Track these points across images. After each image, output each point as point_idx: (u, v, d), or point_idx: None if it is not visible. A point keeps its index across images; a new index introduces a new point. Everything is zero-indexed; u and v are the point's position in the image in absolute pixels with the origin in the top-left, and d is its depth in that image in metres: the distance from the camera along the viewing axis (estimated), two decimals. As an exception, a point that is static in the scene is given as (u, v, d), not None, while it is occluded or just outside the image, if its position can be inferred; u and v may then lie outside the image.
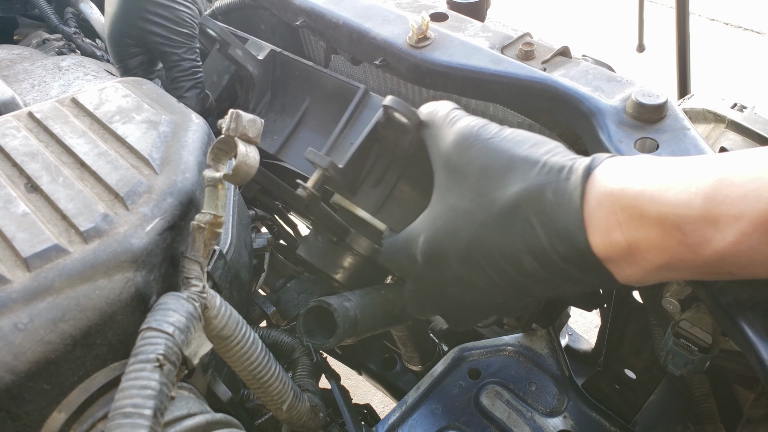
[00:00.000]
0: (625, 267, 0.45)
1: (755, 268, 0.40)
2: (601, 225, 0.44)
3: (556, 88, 0.66)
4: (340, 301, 0.72)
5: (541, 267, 0.49)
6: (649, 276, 0.45)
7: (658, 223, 0.42)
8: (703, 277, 0.43)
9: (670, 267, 0.43)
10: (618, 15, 3.43)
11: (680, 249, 0.41)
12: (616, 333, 0.81)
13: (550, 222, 0.47)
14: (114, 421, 0.41)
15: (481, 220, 0.51)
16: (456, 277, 0.55)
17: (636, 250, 0.44)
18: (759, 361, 0.43)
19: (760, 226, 0.38)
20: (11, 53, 1.00)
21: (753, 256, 0.39)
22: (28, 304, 0.44)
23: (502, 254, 0.50)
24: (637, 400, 0.80)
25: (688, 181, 0.42)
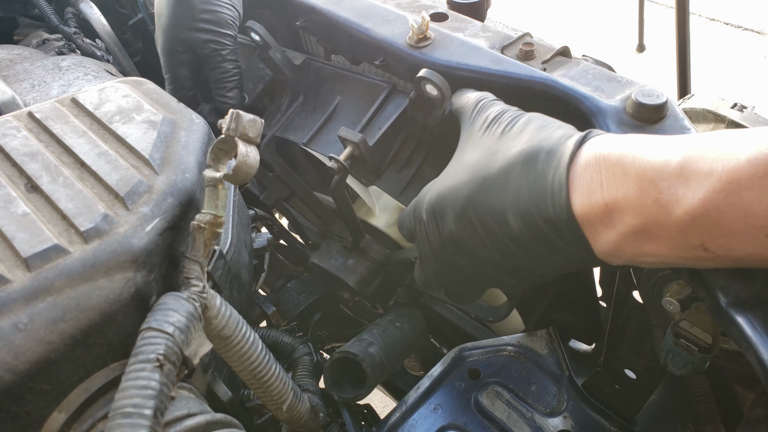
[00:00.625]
0: (602, 231, 0.45)
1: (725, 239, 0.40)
2: (584, 184, 0.46)
3: (556, 88, 0.66)
4: (364, 348, 0.73)
5: (525, 228, 0.49)
6: (624, 244, 0.45)
7: (637, 181, 0.43)
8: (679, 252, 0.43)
9: (645, 231, 0.43)
10: (618, 15, 3.43)
11: (655, 209, 0.42)
12: (616, 333, 0.81)
13: (538, 181, 0.48)
14: (114, 421, 0.41)
15: (482, 177, 0.53)
16: (451, 235, 0.56)
17: (614, 210, 0.44)
18: (759, 361, 0.43)
19: (728, 185, 0.39)
20: (11, 53, 1.00)
21: (720, 219, 0.39)
22: (28, 304, 0.44)
23: (492, 212, 0.51)
24: (637, 400, 0.80)
25: (673, 144, 0.43)
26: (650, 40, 3.15)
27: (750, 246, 0.40)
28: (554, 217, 0.47)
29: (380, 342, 0.76)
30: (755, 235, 0.39)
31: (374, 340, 0.76)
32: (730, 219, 0.39)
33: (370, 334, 0.78)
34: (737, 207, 0.39)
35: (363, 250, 0.87)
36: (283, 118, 0.89)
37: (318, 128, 0.84)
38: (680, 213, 0.41)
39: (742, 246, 0.40)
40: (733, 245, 0.41)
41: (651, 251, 0.45)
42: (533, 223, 0.49)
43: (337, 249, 0.89)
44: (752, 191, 0.38)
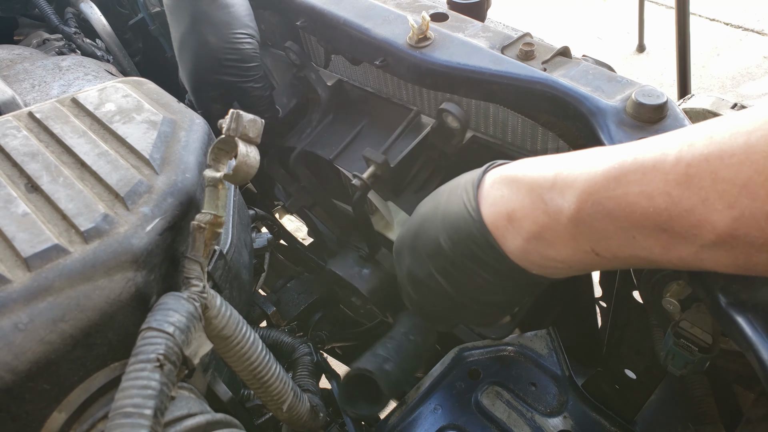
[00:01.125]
0: (509, 237, 0.51)
1: (606, 242, 0.45)
2: (490, 200, 0.52)
3: (556, 88, 0.66)
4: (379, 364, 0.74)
5: (453, 247, 0.55)
6: (529, 249, 0.50)
7: (528, 193, 0.49)
8: (578, 257, 0.47)
9: (542, 237, 0.48)
10: (618, 15, 3.43)
11: (544, 218, 0.47)
12: (616, 333, 0.81)
13: (457, 203, 0.55)
14: (114, 421, 0.41)
15: (422, 214, 0.60)
16: (409, 272, 0.61)
17: (514, 219, 0.50)
18: (759, 361, 0.43)
19: (589, 195, 0.44)
20: (11, 53, 1.00)
21: (594, 225, 0.44)
22: (28, 304, 0.44)
23: (429, 239, 0.57)
24: (637, 400, 0.80)
25: (555, 160, 0.49)
26: (650, 40, 3.15)
27: (627, 248, 0.44)
28: (472, 230, 0.53)
29: (396, 358, 0.77)
30: (625, 237, 0.43)
31: (390, 356, 0.77)
32: (601, 224, 0.44)
33: (385, 348, 0.78)
34: (602, 213, 0.43)
35: (378, 261, 0.92)
36: (312, 133, 0.93)
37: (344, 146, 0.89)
38: (564, 221, 0.46)
39: (621, 248, 0.44)
40: (614, 248, 0.45)
41: (554, 256, 0.49)
42: (459, 240, 0.54)
43: (353, 258, 0.93)
44: (609, 200, 0.43)
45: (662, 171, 0.40)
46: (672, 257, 0.42)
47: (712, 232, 0.39)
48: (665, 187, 0.40)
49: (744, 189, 0.37)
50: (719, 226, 0.38)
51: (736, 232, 0.38)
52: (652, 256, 0.43)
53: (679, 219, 0.40)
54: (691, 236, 0.40)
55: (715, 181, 0.38)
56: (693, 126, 0.43)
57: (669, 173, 0.40)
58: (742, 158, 0.37)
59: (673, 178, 0.40)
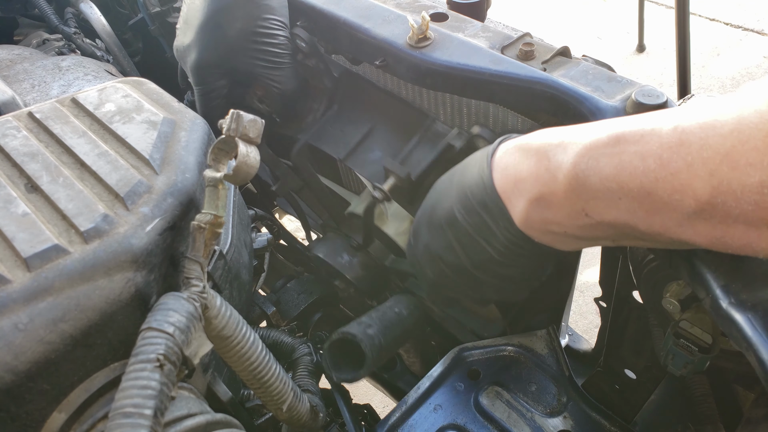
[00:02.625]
0: (515, 201, 0.53)
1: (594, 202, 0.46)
2: (501, 166, 0.54)
3: (556, 88, 0.66)
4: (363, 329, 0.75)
5: (466, 216, 0.57)
6: (531, 213, 0.52)
7: (535, 154, 0.51)
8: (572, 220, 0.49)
9: (543, 198, 0.50)
10: (618, 15, 3.43)
11: (546, 175, 0.49)
12: (616, 333, 0.81)
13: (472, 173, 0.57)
14: (114, 421, 0.41)
15: (439, 190, 0.63)
16: (426, 247, 0.63)
17: (520, 180, 0.52)
18: (759, 361, 0.43)
19: (588, 150, 0.46)
20: (11, 53, 1.00)
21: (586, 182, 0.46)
22: (28, 304, 0.44)
23: (445, 212, 0.60)
24: (637, 400, 0.80)
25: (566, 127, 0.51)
26: (650, 40, 3.14)
27: (613, 210, 0.46)
28: (483, 196, 0.55)
29: (378, 325, 0.77)
30: (611, 198, 0.45)
31: (372, 322, 0.78)
32: (592, 182, 0.46)
33: (369, 317, 0.79)
34: (595, 170, 0.45)
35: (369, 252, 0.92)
36: (316, 124, 0.91)
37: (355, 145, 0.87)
38: (561, 177, 0.48)
39: (607, 210, 0.46)
40: (602, 209, 0.47)
41: (553, 219, 0.51)
42: (471, 208, 0.57)
43: (342, 246, 0.92)
44: (605, 157, 0.45)
45: (658, 135, 0.42)
46: (654, 225, 0.44)
47: (693, 198, 0.40)
48: (658, 149, 0.42)
49: (726, 158, 0.38)
50: (700, 193, 0.40)
51: (715, 200, 0.39)
52: (636, 222, 0.45)
53: (665, 182, 0.41)
54: (673, 202, 0.41)
55: (702, 147, 0.39)
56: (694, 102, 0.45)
57: (664, 137, 0.42)
58: (731, 128, 0.38)
59: (667, 141, 0.41)
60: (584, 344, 0.97)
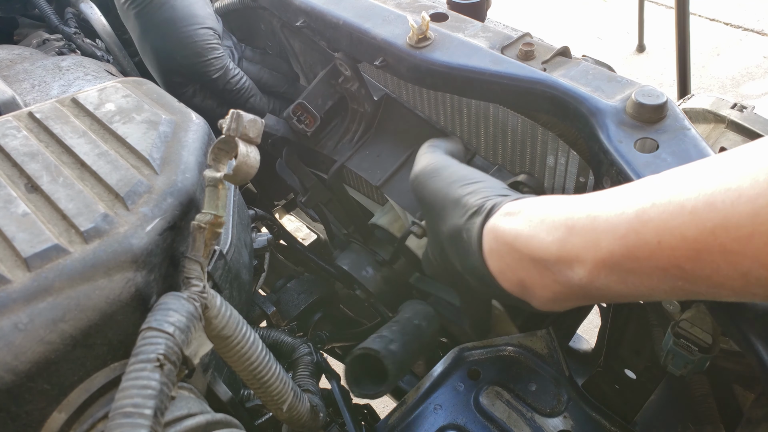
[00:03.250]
0: (530, 298, 0.52)
1: (620, 296, 0.46)
2: (497, 266, 0.52)
3: (556, 88, 0.66)
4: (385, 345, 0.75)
5: (481, 287, 0.56)
6: (552, 305, 0.52)
7: (534, 265, 0.49)
8: (594, 302, 0.52)
9: (558, 300, 0.50)
10: (618, 15, 3.43)
11: (556, 286, 0.48)
12: (616, 333, 0.81)
13: (467, 261, 0.55)
14: (114, 421, 0.41)
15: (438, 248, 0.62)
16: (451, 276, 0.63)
17: (527, 288, 0.51)
18: (759, 361, 0.43)
19: (601, 269, 0.44)
20: (11, 53, 1.00)
21: (602, 293, 0.46)
22: (28, 304, 0.44)
23: (454, 271, 0.59)
24: (637, 400, 0.79)
25: (550, 226, 0.48)
26: (650, 40, 3.14)
27: (651, 297, 0.46)
28: (491, 293, 0.56)
29: (400, 340, 0.79)
30: (646, 293, 0.44)
31: (394, 337, 0.79)
32: (617, 289, 0.45)
33: (390, 331, 0.80)
34: (616, 281, 0.44)
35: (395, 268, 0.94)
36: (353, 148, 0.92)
37: (392, 173, 0.87)
38: (575, 288, 0.47)
39: (645, 298, 0.47)
40: (638, 298, 0.47)
41: (579, 304, 0.52)
42: (486, 288, 0.56)
43: (367, 259, 0.95)
44: (623, 272, 0.44)
45: (669, 248, 0.40)
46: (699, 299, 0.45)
47: (731, 290, 0.39)
48: (675, 261, 0.40)
49: (756, 261, 0.36)
50: (736, 286, 0.39)
51: (749, 289, 0.38)
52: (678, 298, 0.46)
53: (698, 282, 0.40)
54: (713, 292, 0.41)
55: (725, 253, 0.37)
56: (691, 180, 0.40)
57: (677, 249, 0.40)
58: (750, 230, 0.36)
59: (683, 254, 0.39)
60: (584, 344, 0.97)
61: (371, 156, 0.90)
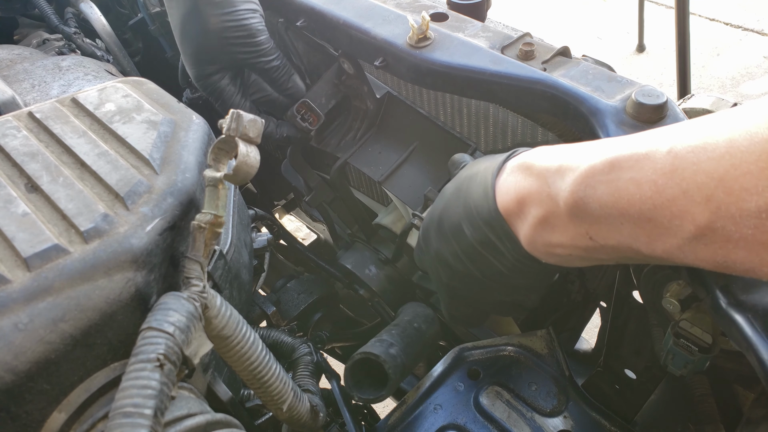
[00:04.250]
0: (519, 223, 0.54)
1: (597, 227, 0.47)
2: (505, 187, 0.55)
3: (556, 88, 0.66)
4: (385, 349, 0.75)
5: (474, 233, 0.58)
6: (536, 235, 0.53)
7: (537, 179, 0.51)
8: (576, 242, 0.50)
9: (546, 221, 0.51)
10: (618, 15, 3.43)
11: (548, 201, 0.50)
12: (616, 333, 0.81)
13: (477, 191, 0.58)
14: (114, 421, 0.41)
15: (446, 198, 0.64)
16: (436, 253, 0.64)
17: (523, 204, 0.53)
18: (759, 361, 0.43)
19: (585, 178, 0.46)
20: (11, 53, 1.00)
21: (587, 208, 0.46)
22: (28, 304, 0.44)
23: (453, 225, 0.61)
24: (637, 400, 0.79)
25: (566, 148, 0.51)
26: (650, 40, 3.15)
27: (616, 234, 0.46)
28: (488, 216, 0.56)
29: (400, 343, 0.79)
30: (613, 223, 0.45)
31: (395, 341, 0.79)
32: (592, 208, 0.46)
33: (390, 335, 0.80)
34: (593, 198, 0.46)
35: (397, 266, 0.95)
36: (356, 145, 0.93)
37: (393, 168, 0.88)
38: (562, 203, 0.48)
39: (610, 235, 0.46)
40: (605, 234, 0.47)
41: (557, 242, 0.51)
42: (478, 226, 0.57)
43: (370, 258, 0.96)
44: (601, 184, 0.45)
45: (652, 160, 0.42)
46: (656, 249, 0.44)
47: (692, 223, 0.40)
48: (653, 175, 0.41)
49: (721, 183, 0.38)
50: (698, 218, 0.39)
51: (714, 225, 0.39)
52: (639, 246, 0.45)
53: (663, 209, 0.41)
54: (673, 227, 0.41)
55: (696, 172, 0.39)
56: (689, 120, 0.44)
57: (658, 162, 0.41)
58: (723, 152, 0.38)
59: (661, 167, 0.41)
60: (584, 344, 0.97)
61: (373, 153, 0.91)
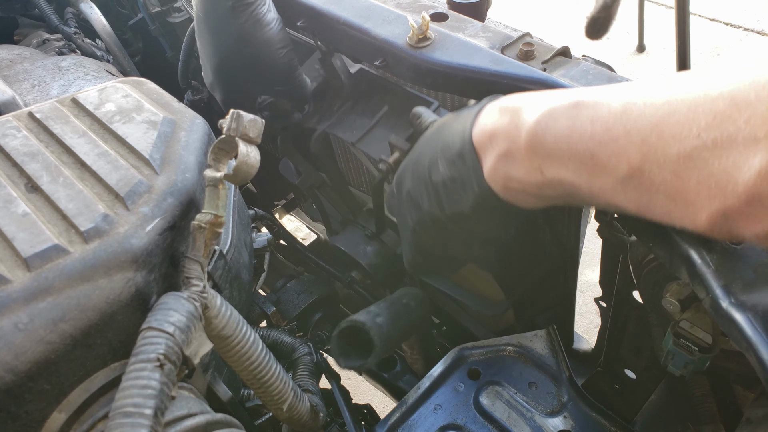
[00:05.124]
0: (487, 155, 0.56)
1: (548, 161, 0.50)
2: (482, 121, 0.57)
3: (556, 88, 0.66)
4: (371, 318, 0.76)
5: (447, 168, 0.60)
6: (498, 167, 0.55)
7: (510, 113, 0.54)
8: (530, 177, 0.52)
9: (510, 154, 0.53)
10: (618, 15, 3.43)
11: (515, 132, 0.52)
12: (616, 333, 0.81)
13: (455, 128, 0.60)
14: (114, 421, 0.41)
15: (425, 139, 0.66)
16: (408, 195, 0.66)
17: (494, 136, 0.55)
18: (759, 361, 0.43)
19: (548, 111, 0.49)
20: (11, 53, 1.00)
21: (543, 140, 0.49)
22: (28, 304, 0.44)
23: (429, 162, 0.62)
24: (637, 400, 0.79)
25: (548, 92, 0.53)
26: (650, 40, 3.14)
27: (562, 169, 0.49)
28: (461, 148, 0.58)
29: (387, 314, 0.80)
30: (562, 158, 0.48)
31: (381, 312, 0.80)
32: (548, 140, 0.49)
33: (377, 306, 0.82)
34: (552, 130, 0.49)
35: (383, 240, 0.97)
36: (333, 117, 0.97)
37: (366, 131, 0.91)
38: (524, 135, 0.51)
39: (557, 169, 0.49)
40: (553, 168, 0.50)
41: (514, 176, 0.54)
42: (451, 161, 0.59)
43: (358, 236, 0.99)
44: (563, 118, 0.48)
45: (608, 103, 0.45)
46: (594, 186, 0.47)
47: (627, 163, 0.43)
48: (606, 115, 0.45)
49: (655, 127, 0.41)
50: (632, 159, 0.43)
51: (643, 166, 0.42)
52: (580, 183, 0.48)
53: (605, 146, 0.45)
54: (611, 166, 0.45)
55: (640, 116, 0.43)
56: (654, 77, 0.47)
57: (613, 105, 0.45)
58: (665, 100, 0.41)
59: (614, 109, 0.45)
60: (584, 344, 0.97)
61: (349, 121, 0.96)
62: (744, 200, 0.38)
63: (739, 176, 0.37)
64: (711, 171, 0.39)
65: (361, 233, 1.00)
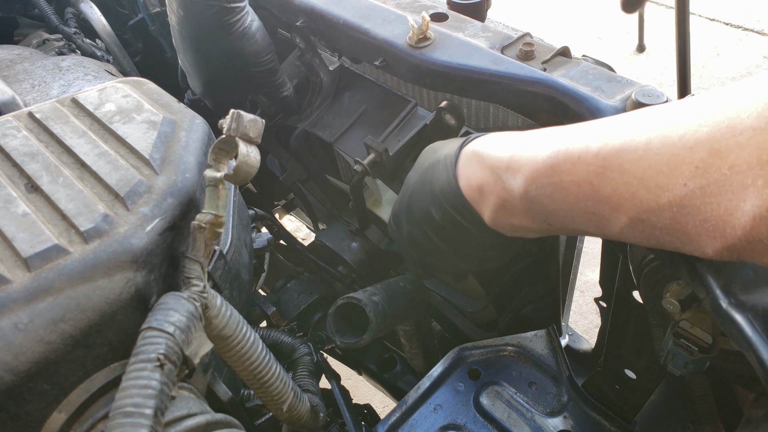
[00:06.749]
0: (483, 207, 0.58)
1: (553, 217, 0.51)
2: (464, 175, 0.59)
3: (556, 88, 0.66)
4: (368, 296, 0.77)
5: (442, 216, 0.62)
6: (498, 217, 0.57)
7: (491, 172, 0.56)
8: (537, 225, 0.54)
9: (505, 208, 0.55)
10: (618, 15, 3.43)
11: (504, 193, 0.54)
12: (616, 333, 0.81)
13: (441, 178, 0.62)
14: (115, 421, 0.41)
15: (412, 186, 0.67)
16: (409, 236, 0.69)
17: (483, 192, 0.57)
18: (759, 361, 0.43)
19: (533, 180, 0.51)
20: (11, 53, 1.00)
21: (540, 203, 0.51)
22: (28, 304, 0.44)
23: (422, 209, 0.65)
24: (637, 400, 0.80)
25: (512, 140, 0.56)
26: (650, 40, 3.14)
27: (570, 223, 0.51)
28: (455, 201, 0.60)
29: (383, 294, 0.82)
30: (566, 215, 0.50)
31: (377, 291, 0.82)
32: (545, 204, 0.51)
33: (375, 287, 0.84)
34: (544, 196, 0.50)
35: (366, 236, 0.99)
36: (313, 114, 0.99)
37: (345, 130, 0.93)
38: (517, 198, 0.53)
39: (564, 223, 0.51)
40: (562, 222, 0.52)
41: (519, 224, 0.56)
42: (445, 210, 0.62)
43: (343, 231, 1.01)
44: (549, 186, 0.50)
45: (585, 162, 0.46)
46: (605, 233, 0.49)
47: (626, 216, 0.45)
48: (587, 176, 0.46)
49: (641, 182, 0.43)
50: (629, 212, 0.45)
51: (641, 217, 0.44)
52: (590, 230, 0.50)
53: (602, 204, 0.46)
54: (613, 218, 0.46)
55: (622, 173, 0.44)
56: (617, 117, 0.48)
57: (590, 164, 0.46)
58: (641, 154, 0.43)
59: (593, 169, 0.46)
60: (584, 344, 0.97)
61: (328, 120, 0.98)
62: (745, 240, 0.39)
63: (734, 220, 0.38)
64: (705, 216, 0.40)
65: (345, 229, 1.01)
